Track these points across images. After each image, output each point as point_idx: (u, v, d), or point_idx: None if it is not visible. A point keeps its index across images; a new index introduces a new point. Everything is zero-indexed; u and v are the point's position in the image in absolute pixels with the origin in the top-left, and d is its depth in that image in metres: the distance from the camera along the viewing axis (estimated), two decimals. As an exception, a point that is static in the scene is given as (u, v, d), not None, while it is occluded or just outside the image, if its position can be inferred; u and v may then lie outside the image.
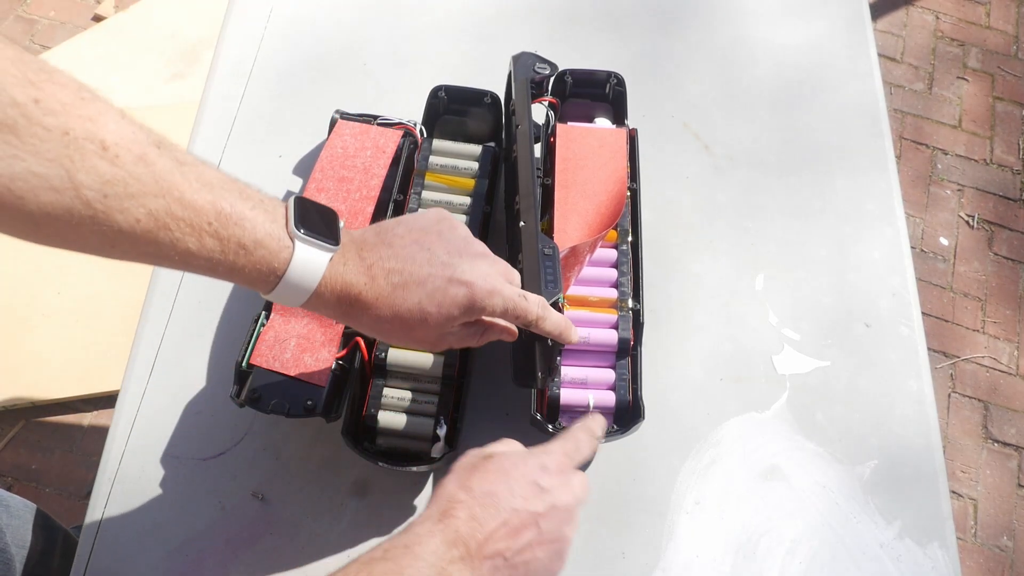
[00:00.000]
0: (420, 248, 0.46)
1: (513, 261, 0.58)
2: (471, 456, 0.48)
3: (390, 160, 0.69)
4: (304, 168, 0.78)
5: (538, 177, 0.63)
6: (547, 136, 0.70)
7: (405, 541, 0.43)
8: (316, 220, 0.44)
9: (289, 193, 0.76)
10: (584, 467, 0.52)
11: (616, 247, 0.64)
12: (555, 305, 0.55)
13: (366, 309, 0.45)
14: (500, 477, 0.45)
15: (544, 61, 0.69)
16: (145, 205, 0.38)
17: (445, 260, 0.46)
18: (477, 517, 0.44)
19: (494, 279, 0.47)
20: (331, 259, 0.44)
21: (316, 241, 0.43)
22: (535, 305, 0.49)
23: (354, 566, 0.42)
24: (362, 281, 0.45)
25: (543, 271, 0.55)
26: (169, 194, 0.39)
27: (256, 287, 0.43)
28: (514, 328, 0.53)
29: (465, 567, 0.43)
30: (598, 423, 0.53)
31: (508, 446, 0.49)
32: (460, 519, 0.44)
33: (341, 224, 0.46)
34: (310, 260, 0.43)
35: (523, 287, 0.54)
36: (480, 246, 0.49)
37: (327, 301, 0.45)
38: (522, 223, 0.59)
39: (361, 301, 0.45)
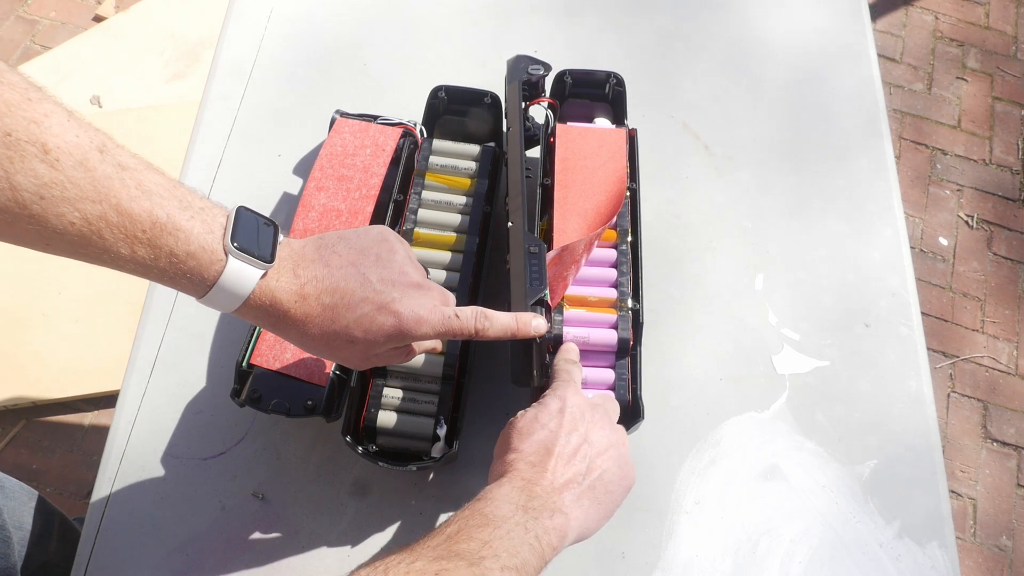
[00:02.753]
0: (356, 271, 0.47)
1: (503, 260, 0.58)
2: (502, 433, 0.52)
3: (389, 158, 0.69)
4: (304, 168, 0.78)
5: (528, 178, 0.64)
6: (547, 137, 0.70)
7: (478, 497, 0.46)
8: (254, 234, 0.44)
9: (287, 194, 0.76)
10: None
11: (616, 247, 0.64)
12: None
13: (294, 325, 0.46)
14: (533, 425, 0.50)
15: (537, 62, 0.69)
16: (80, 210, 0.39)
17: (378, 287, 0.47)
18: (534, 462, 0.48)
19: (422, 308, 0.48)
20: (263, 275, 0.44)
21: (249, 257, 0.43)
22: (470, 320, 0.49)
23: (441, 526, 0.44)
24: (292, 299, 0.45)
25: (528, 269, 0.56)
26: (106, 200, 0.39)
27: (188, 293, 0.44)
28: (439, 344, 0.58)
29: (544, 503, 0.46)
30: (570, 350, 0.58)
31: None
32: (520, 469, 0.47)
33: (281, 238, 0.46)
34: (241, 274, 0.43)
35: (510, 285, 0.57)
36: (416, 275, 0.49)
37: (256, 313, 0.46)
38: (510, 223, 0.60)
39: (290, 317, 0.46)
